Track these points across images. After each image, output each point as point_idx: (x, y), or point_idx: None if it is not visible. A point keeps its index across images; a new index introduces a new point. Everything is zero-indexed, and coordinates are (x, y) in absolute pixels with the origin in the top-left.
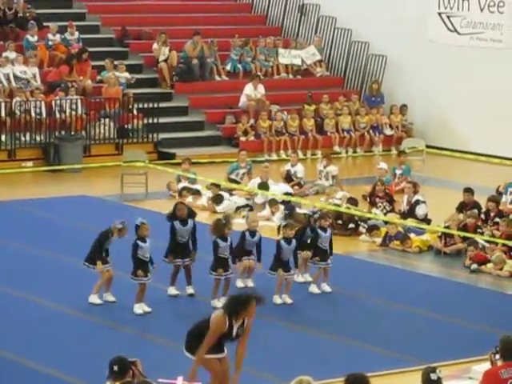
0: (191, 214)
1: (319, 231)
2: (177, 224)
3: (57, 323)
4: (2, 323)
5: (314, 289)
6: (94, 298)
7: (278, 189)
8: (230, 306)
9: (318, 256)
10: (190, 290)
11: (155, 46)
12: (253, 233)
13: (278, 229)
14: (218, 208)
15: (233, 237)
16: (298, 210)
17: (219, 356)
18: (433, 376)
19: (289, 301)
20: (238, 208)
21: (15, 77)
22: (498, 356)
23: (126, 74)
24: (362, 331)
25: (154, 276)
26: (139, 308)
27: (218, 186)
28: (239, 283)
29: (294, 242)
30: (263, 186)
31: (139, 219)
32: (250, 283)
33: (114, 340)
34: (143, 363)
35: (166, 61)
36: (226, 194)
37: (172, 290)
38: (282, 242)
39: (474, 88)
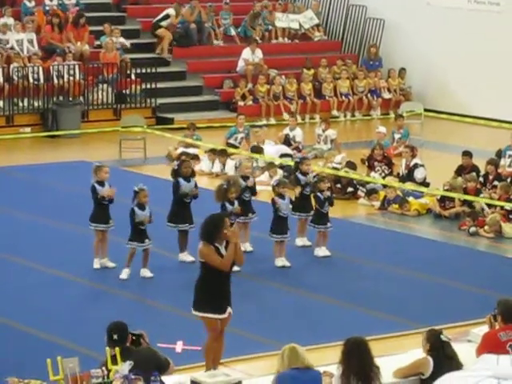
0: (193, 175)
1: (319, 194)
2: (181, 180)
3: (55, 289)
4: (0, 288)
5: (319, 252)
6: (96, 263)
7: (277, 149)
8: (204, 234)
9: (319, 220)
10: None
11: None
12: (246, 178)
13: (273, 189)
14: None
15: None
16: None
17: (221, 316)
18: (443, 337)
19: (287, 263)
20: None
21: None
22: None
23: (122, 40)
24: (361, 295)
25: (156, 242)
26: (126, 273)
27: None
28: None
29: (287, 198)
30: (256, 149)
31: (139, 185)
32: (249, 247)
33: (114, 305)
34: (142, 328)
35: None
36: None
37: (184, 256)
38: (276, 198)
39: (472, 51)
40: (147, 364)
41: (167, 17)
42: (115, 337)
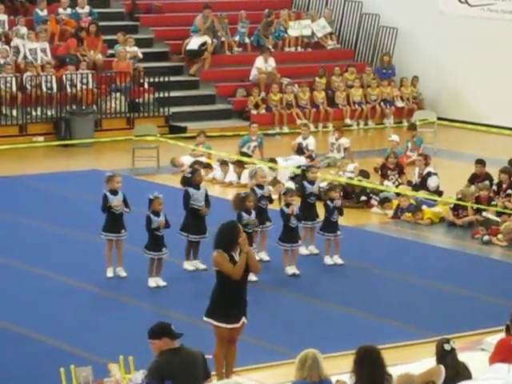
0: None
1: (328, 202)
2: (190, 189)
3: (68, 297)
4: (13, 296)
5: (328, 260)
6: (109, 272)
7: (292, 163)
8: (220, 243)
9: (328, 228)
10: (198, 264)
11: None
12: (261, 186)
13: (279, 198)
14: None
15: None
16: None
17: (230, 326)
18: (446, 346)
19: (297, 271)
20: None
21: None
22: None
23: (135, 49)
24: (374, 303)
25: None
26: (153, 282)
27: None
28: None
29: (296, 206)
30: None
31: (154, 193)
32: (266, 257)
33: (127, 314)
34: None
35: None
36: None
37: (188, 265)
38: (284, 207)
39: (485, 60)
40: (197, 366)
41: (204, 44)
42: (173, 327)
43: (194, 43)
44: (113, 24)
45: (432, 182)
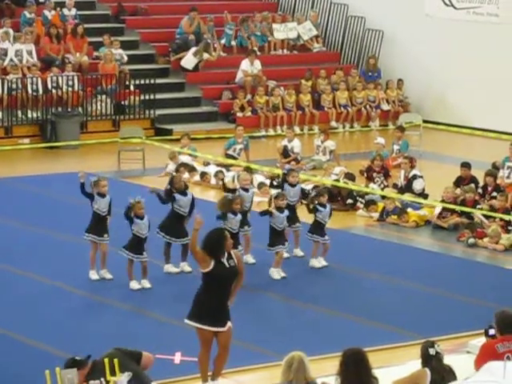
0: (186, 187)
1: (319, 207)
2: (177, 195)
3: (53, 300)
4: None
5: (314, 263)
6: (92, 274)
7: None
8: (207, 248)
9: (317, 230)
10: (186, 266)
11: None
12: (246, 189)
13: (270, 201)
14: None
15: None
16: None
17: (217, 329)
18: (431, 351)
19: (282, 274)
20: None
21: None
22: (491, 332)
23: (121, 51)
24: (359, 306)
25: (152, 253)
26: (137, 284)
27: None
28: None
29: (286, 211)
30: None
31: (136, 198)
32: (251, 259)
33: (112, 316)
34: (141, 339)
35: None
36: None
37: (170, 268)
38: (275, 210)
39: (471, 63)
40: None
41: (200, 61)
42: (77, 357)
43: (189, 62)
44: (98, 26)
45: (417, 185)
